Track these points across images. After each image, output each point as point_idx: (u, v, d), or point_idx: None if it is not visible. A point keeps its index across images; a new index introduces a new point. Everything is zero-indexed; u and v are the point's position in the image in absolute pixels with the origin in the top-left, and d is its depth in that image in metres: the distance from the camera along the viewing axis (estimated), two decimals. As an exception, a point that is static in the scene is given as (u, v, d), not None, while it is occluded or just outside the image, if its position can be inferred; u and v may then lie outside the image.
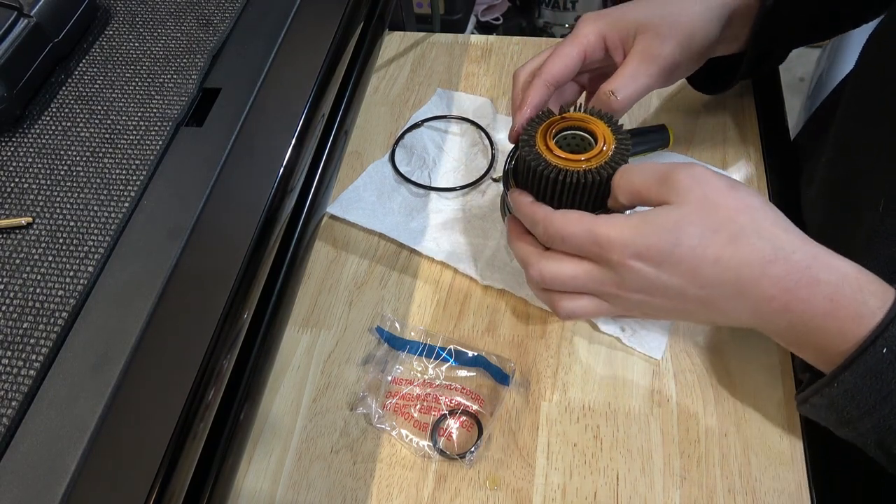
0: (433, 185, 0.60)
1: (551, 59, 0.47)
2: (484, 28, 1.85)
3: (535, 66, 0.48)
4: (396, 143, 0.63)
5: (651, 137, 0.60)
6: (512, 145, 0.49)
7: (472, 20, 1.73)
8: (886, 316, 0.34)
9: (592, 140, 0.44)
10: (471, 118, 0.65)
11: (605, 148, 0.43)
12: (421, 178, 0.61)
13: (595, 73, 0.51)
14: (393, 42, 0.74)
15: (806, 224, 0.53)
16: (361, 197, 0.59)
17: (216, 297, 0.37)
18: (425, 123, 0.65)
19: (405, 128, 0.64)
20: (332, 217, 0.58)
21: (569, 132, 0.45)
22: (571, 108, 0.45)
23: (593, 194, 0.43)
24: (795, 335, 0.38)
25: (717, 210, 0.37)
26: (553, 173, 0.42)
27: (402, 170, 0.61)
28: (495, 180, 0.57)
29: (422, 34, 0.75)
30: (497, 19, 1.87)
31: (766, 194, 0.58)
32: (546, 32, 1.86)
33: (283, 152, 0.44)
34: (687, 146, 0.61)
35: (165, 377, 0.35)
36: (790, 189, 0.57)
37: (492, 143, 0.63)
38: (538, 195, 0.45)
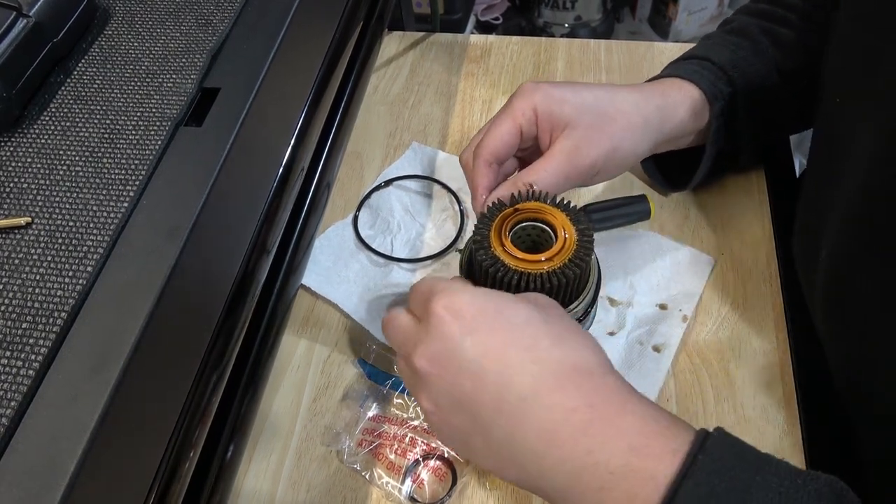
0: (396, 252, 0.56)
1: (487, 136, 0.45)
2: (483, 28, 1.85)
3: (475, 145, 0.47)
4: (361, 204, 0.59)
5: (628, 210, 0.56)
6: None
7: (472, 20, 1.73)
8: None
9: (551, 232, 0.41)
10: (443, 180, 0.61)
11: (566, 242, 0.39)
12: (383, 245, 0.57)
13: (527, 151, 0.49)
14: (393, 42, 0.74)
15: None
16: (316, 259, 0.56)
17: (216, 298, 0.37)
18: (394, 182, 0.61)
19: (372, 186, 0.60)
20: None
21: (527, 224, 0.42)
22: (525, 197, 0.42)
23: (560, 296, 0.40)
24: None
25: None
26: (514, 279, 0.38)
27: (364, 233, 0.57)
28: (460, 251, 0.48)
29: (421, 34, 0.75)
30: (497, 19, 1.87)
31: (769, 213, 0.58)
32: (545, 32, 1.86)
33: (282, 152, 0.44)
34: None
35: (165, 378, 0.34)
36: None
37: (462, 210, 0.59)
38: None
